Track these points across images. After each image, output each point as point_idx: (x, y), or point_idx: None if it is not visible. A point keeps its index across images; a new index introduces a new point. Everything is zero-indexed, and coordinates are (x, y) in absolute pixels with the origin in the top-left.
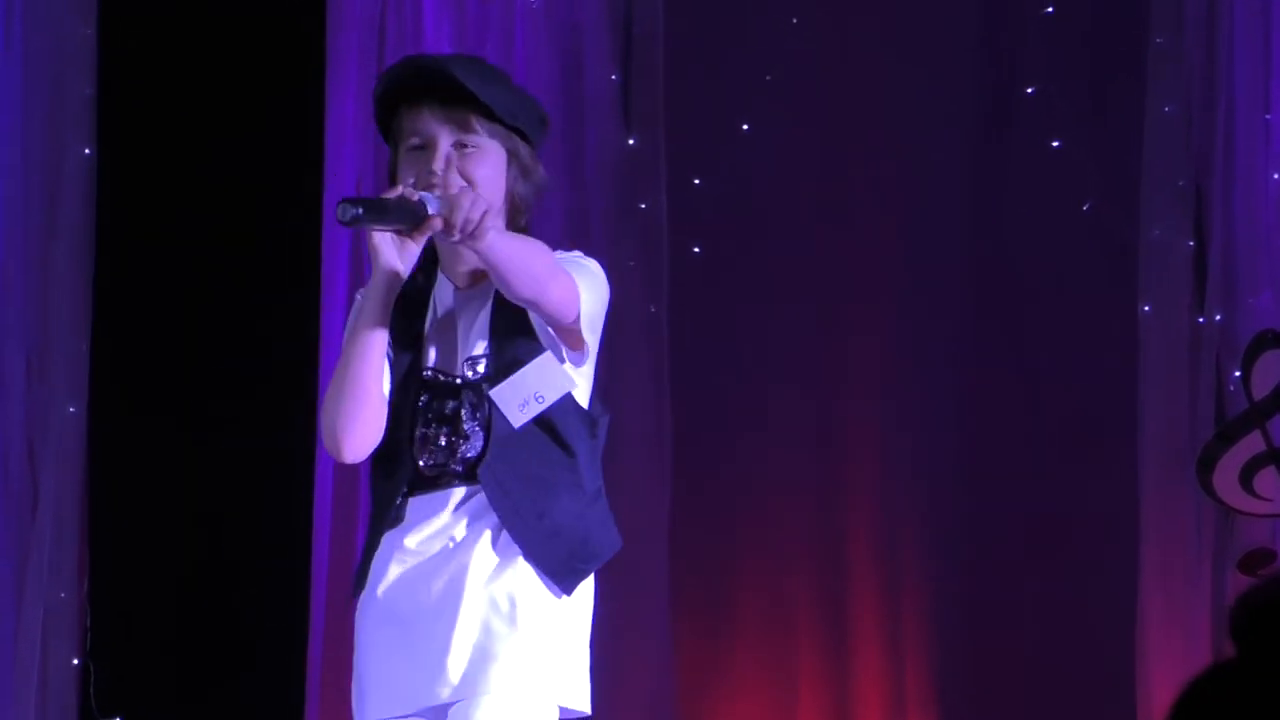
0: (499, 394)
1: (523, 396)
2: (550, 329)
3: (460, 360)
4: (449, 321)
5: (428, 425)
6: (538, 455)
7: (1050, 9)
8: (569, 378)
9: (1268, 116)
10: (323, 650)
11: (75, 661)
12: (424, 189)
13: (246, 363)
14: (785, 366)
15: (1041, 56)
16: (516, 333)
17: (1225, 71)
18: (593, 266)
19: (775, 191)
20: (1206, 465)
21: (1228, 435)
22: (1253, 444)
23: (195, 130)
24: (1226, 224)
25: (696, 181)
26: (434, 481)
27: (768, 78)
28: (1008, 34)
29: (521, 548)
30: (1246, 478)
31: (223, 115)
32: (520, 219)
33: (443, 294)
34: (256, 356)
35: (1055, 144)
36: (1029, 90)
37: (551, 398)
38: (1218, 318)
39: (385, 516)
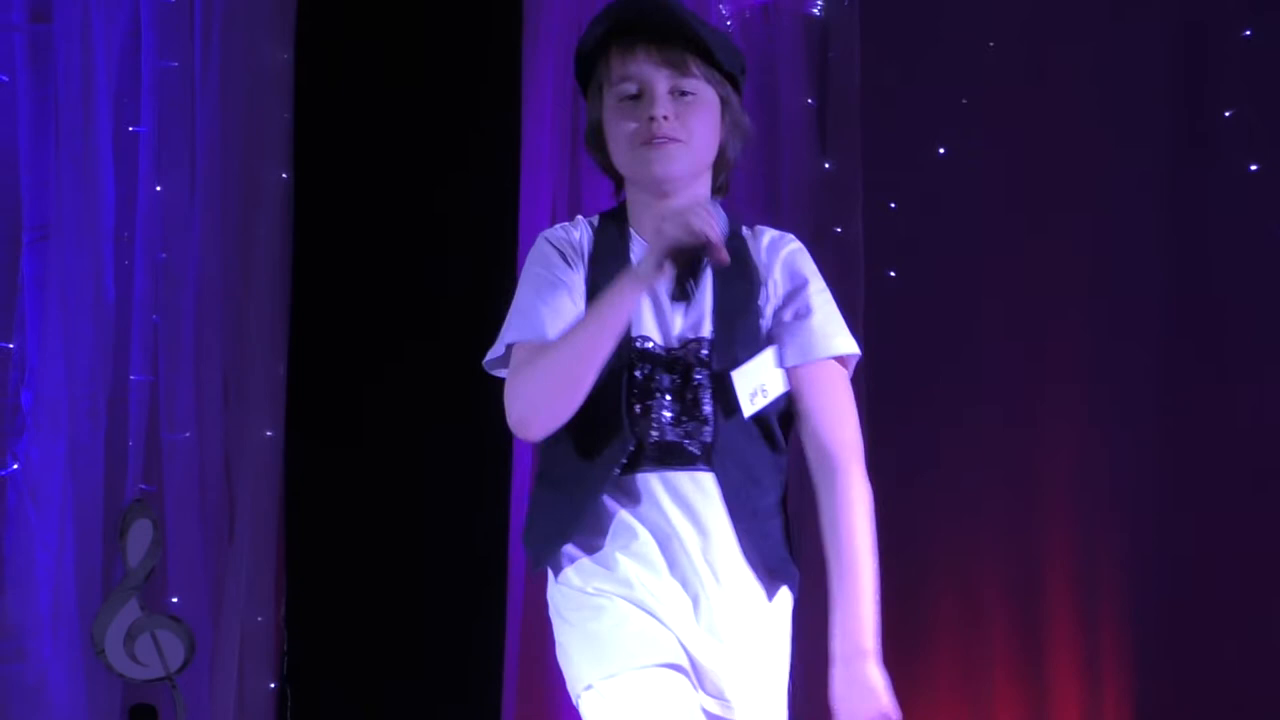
0: (738, 378)
1: (754, 386)
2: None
3: (676, 334)
4: (659, 288)
5: (649, 397)
6: (754, 449)
7: (1249, 32)
8: (785, 379)
9: None
10: (518, 675)
11: (271, 685)
12: (644, 141)
13: (443, 387)
14: (981, 391)
15: (1240, 79)
16: (742, 319)
17: None
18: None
19: (971, 215)
20: None
21: None
22: None
23: (391, 154)
24: None
25: (892, 205)
26: (661, 459)
27: (963, 101)
28: (1206, 57)
29: (740, 541)
30: None
31: (418, 139)
32: (722, 176)
33: (638, 250)
34: (453, 381)
35: (1253, 167)
36: (1226, 113)
37: (774, 393)
38: None
39: (593, 487)
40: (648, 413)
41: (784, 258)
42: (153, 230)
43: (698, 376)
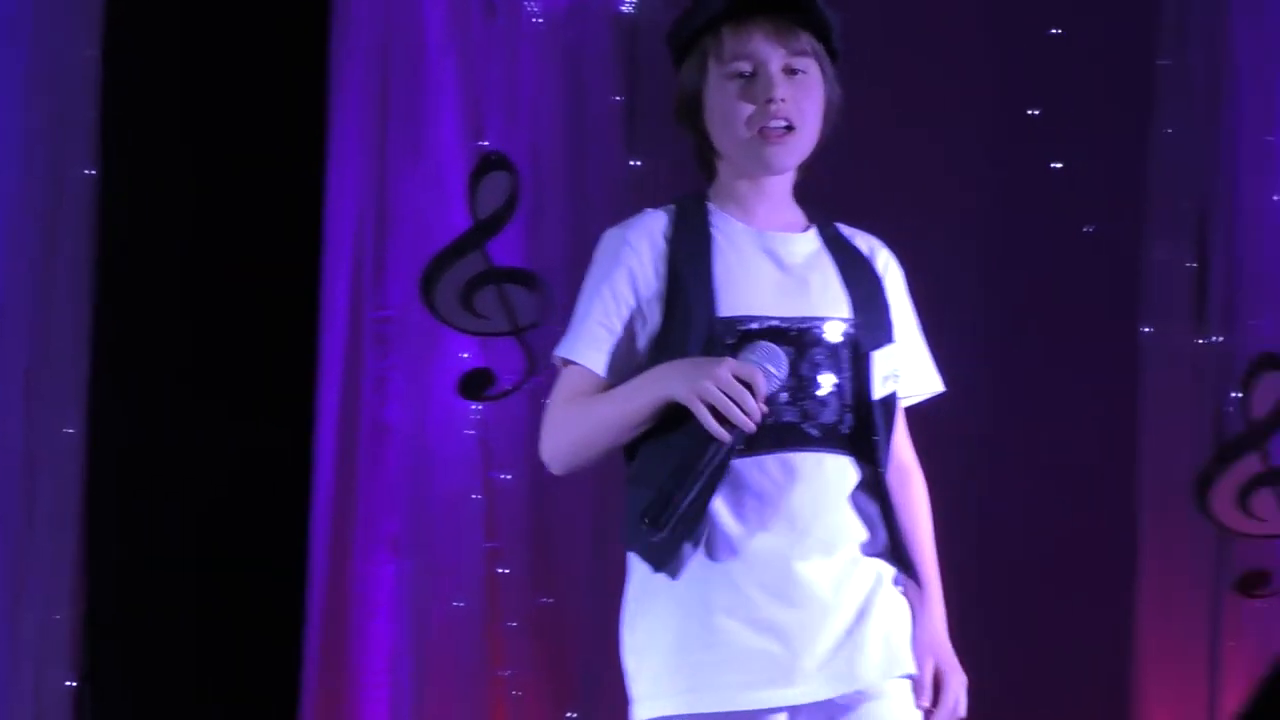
0: (878, 359)
1: (888, 370)
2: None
3: (808, 309)
4: (763, 261)
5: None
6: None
7: (1057, 30)
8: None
9: (1269, 138)
10: (318, 676)
11: (70, 683)
12: (759, 131)
13: (245, 385)
14: None
15: (1046, 78)
16: (875, 303)
17: (1229, 93)
18: None
19: None
20: (1204, 485)
21: (1225, 456)
22: (1250, 465)
23: (198, 152)
24: (1228, 246)
25: None
26: (780, 440)
27: None
28: (1014, 55)
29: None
30: (1243, 498)
31: (225, 138)
32: (809, 155)
33: (728, 229)
34: (255, 379)
35: (1056, 165)
36: (1031, 112)
37: (895, 385)
38: (1218, 339)
39: (712, 475)
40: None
41: (892, 271)
42: None
43: (818, 355)
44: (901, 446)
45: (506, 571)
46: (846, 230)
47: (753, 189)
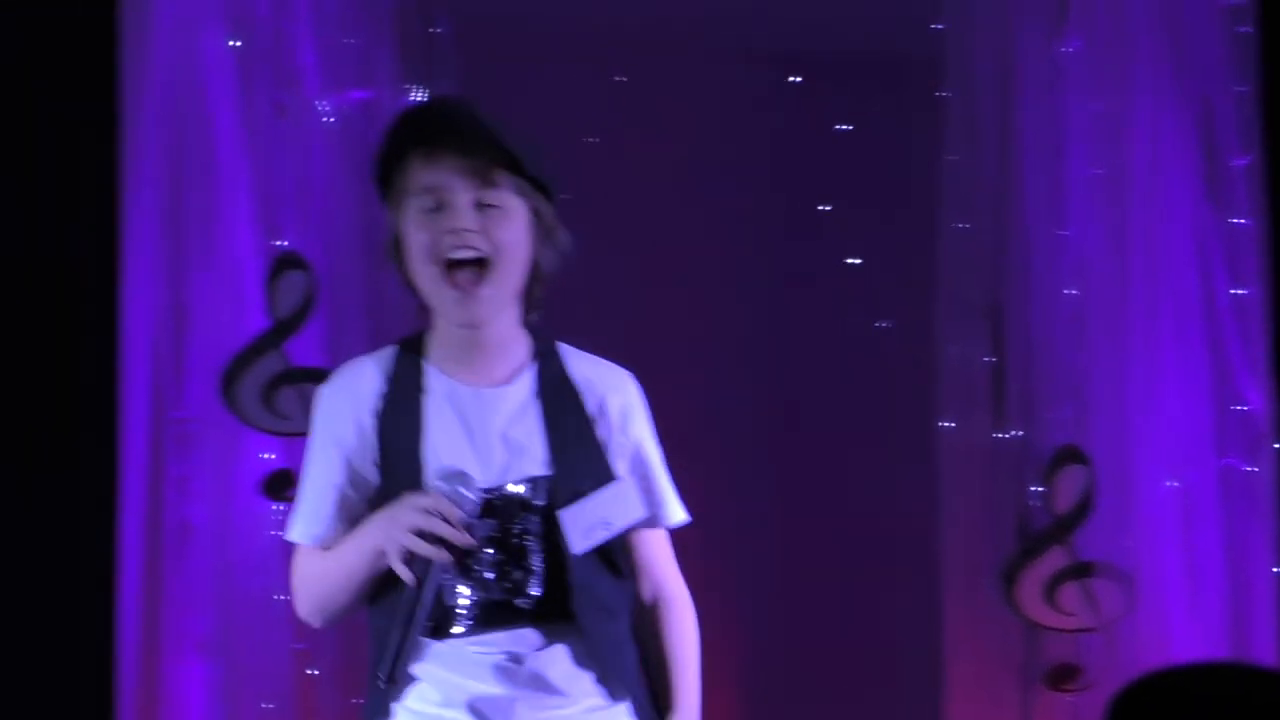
0: (568, 516)
1: (592, 519)
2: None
3: (508, 474)
4: (470, 426)
5: (494, 551)
6: (604, 583)
7: (846, 126)
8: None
9: (1061, 232)
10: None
11: None
12: (445, 252)
13: (47, 492)
14: None
15: (836, 174)
16: (579, 447)
17: (1018, 187)
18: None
19: None
20: (1009, 579)
21: (1030, 550)
22: (1056, 559)
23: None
24: (1024, 339)
25: None
26: (499, 617)
27: None
28: (803, 152)
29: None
30: (1050, 592)
31: (15, 236)
32: (538, 291)
33: (440, 389)
34: (56, 486)
35: (851, 261)
36: (823, 208)
37: (619, 525)
38: (1017, 432)
39: (399, 655)
40: (492, 567)
41: (615, 404)
42: None
43: (529, 520)
44: (660, 581)
45: (316, 673)
46: (573, 360)
47: (464, 338)
